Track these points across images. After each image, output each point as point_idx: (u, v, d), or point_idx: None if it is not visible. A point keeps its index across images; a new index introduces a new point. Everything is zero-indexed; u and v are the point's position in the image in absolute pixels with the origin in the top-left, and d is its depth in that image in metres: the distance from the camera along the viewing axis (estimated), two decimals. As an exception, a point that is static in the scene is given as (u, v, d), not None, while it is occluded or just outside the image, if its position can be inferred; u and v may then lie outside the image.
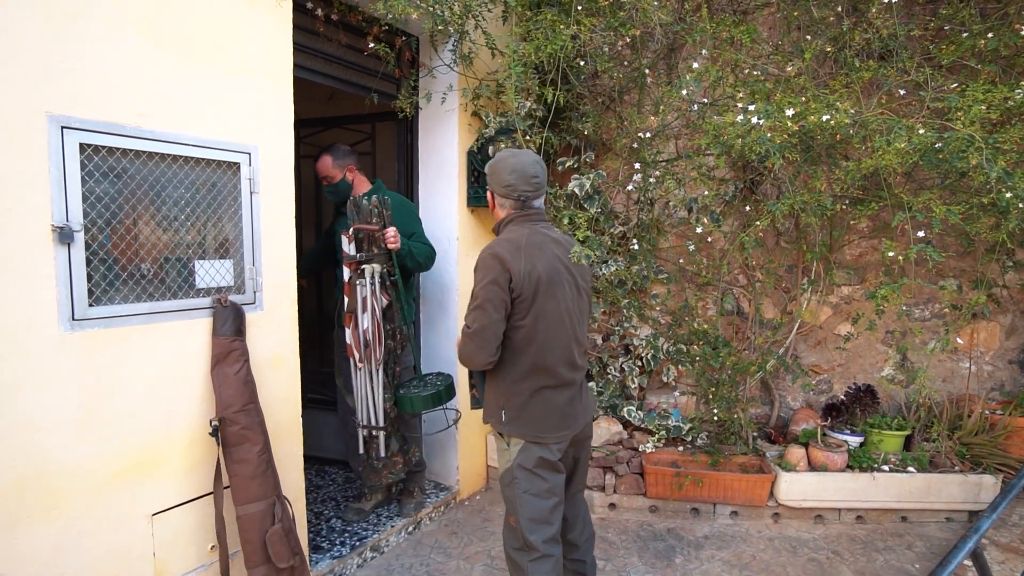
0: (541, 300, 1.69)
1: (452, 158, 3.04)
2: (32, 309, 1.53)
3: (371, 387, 2.47)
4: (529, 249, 1.69)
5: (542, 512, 1.75)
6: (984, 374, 3.51)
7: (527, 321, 1.69)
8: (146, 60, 1.74)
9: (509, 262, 1.65)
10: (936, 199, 2.19)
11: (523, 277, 1.66)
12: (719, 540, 2.85)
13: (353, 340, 2.42)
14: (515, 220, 1.79)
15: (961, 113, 2.03)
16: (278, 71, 2.11)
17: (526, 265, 1.67)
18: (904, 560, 2.65)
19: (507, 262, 1.65)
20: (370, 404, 2.49)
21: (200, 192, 1.92)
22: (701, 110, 2.75)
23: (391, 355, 2.54)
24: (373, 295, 2.39)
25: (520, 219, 1.79)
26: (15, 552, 1.53)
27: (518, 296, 1.67)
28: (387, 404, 2.50)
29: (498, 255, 1.66)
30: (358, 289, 2.39)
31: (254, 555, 1.90)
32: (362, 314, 2.39)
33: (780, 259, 3.45)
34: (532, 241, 1.72)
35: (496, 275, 1.65)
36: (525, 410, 1.75)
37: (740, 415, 3.22)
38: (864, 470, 2.92)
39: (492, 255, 1.67)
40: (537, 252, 1.71)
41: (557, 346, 1.74)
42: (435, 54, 2.93)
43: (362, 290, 2.38)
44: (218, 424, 1.88)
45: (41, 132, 1.54)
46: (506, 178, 1.76)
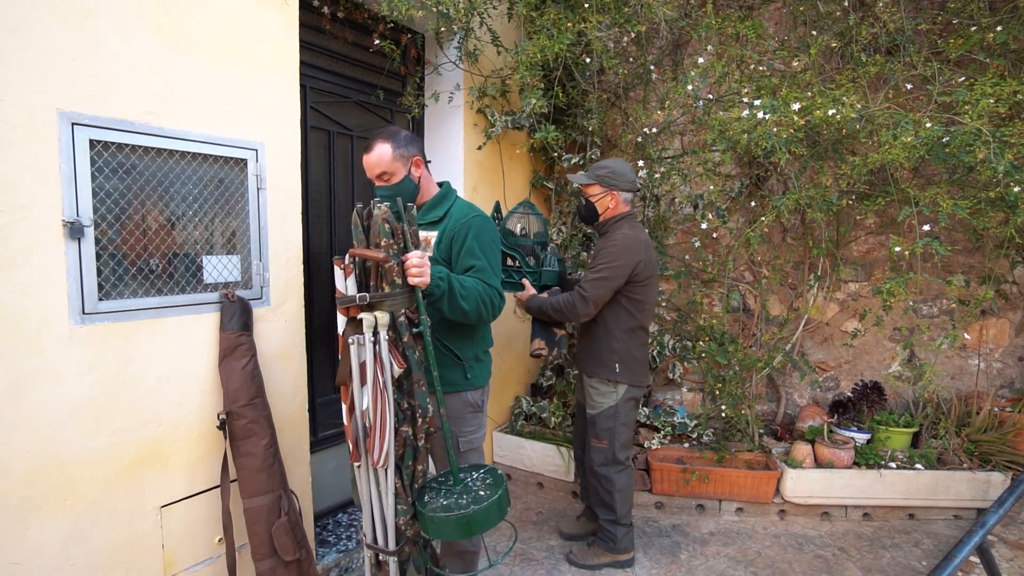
0: (651, 280, 2.38)
1: (458, 155, 3.05)
2: (43, 303, 1.56)
3: (377, 492, 1.68)
4: (648, 244, 2.37)
5: (628, 438, 2.48)
6: (993, 371, 3.48)
7: (641, 295, 2.35)
8: (156, 58, 1.76)
9: (640, 256, 2.29)
10: (943, 194, 2.17)
11: (645, 265, 2.31)
12: (724, 536, 2.85)
13: (347, 425, 1.64)
14: (627, 217, 2.39)
15: (968, 107, 2.02)
16: (285, 68, 2.13)
17: (647, 256, 2.32)
18: (911, 557, 2.64)
19: (639, 255, 2.28)
20: (376, 516, 1.71)
21: (208, 188, 1.94)
22: (707, 106, 2.75)
23: (408, 449, 1.68)
24: (377, 359, 1.58)
25: (630, 216, 2.41)
26: (28, 542, 1.55)
27: (640, 277, 2.31)
28: (401, 519, 1.67)
29: (632, 249, 2.27)
30: (354, 350, 1.58)
31: (260, 548, 1.92)
32: (359, 388, 1.60)
33: (786, 255, 3.44)
34: (647, 239, 2.39)
35: (627, 262, 2.26)
36: (633, 362, 2.40)
37: (746, 412, 3.21)
38: (871, 467, 2.91)
39: (627, 248, 2.27)
40: (649, 246, 2.38)
41: (652, 313, 2.47)
42: (440, 51, 2.94)
43: (360, 351, 1.59)
44: (225, 418, 1.90)
45: (52, 128, 1.56)
46: (631, 176, 2.36)
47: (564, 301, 2.30)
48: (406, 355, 1.62)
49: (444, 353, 1.87)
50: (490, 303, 1.79)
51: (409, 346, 1.62)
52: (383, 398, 1.57)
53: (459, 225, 1.83)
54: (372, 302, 1.58)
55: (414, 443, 1.68)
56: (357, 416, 1.62)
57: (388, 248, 1.58)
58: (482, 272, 1.80)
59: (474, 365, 1.95)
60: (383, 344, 1.58)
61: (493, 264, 1.85)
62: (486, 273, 1.81)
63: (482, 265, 1.81)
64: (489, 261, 1.84)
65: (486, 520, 1.57)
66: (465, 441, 1.96)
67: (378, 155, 1.85)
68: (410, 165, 1.88)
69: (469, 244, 1.81)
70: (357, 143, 2.85)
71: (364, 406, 1.59)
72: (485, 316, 1.80)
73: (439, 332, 1.85)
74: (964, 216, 2.10)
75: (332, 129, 2.71)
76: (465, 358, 1.91)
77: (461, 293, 1.71)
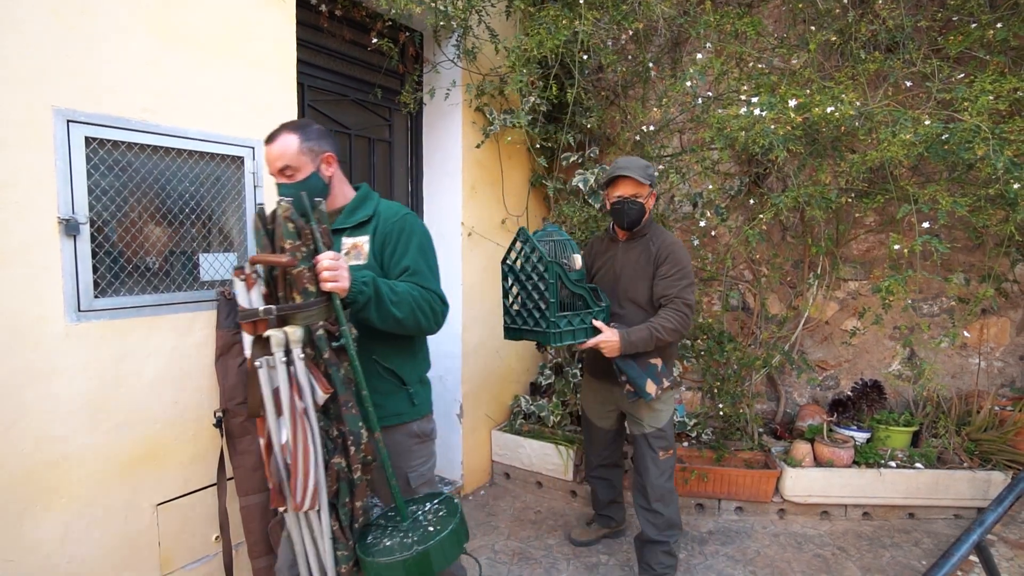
0: None
1: (456, 154, 3.05)
2: (39, 300, 1.56)
3: (311, 538, 1.41)
4: None
5: None
6: (994, 370, 3.47)
7: None
8: (152, 56, 1.76)
9: None
10: (943, 191, 2.16)
11: None
12: (724, 535, 2.84)
13: (265, 463, 1.37)
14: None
15: (968, 104, 2.01)
16: (281, 66, 2.13)
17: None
18: (911, 557, 2.63)
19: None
20: (313, 567, 1.43)
21: (204, 186, 1.94)
22: (705, 104, 2.74)
23: (343, 484, 1.39)
24: (294, 385, 1.31)
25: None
26: (25, 538, 1.56)
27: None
28: (343, 567, 1.38)
29: (683, 247, 2.21)
30: (264, 375, 1.32)
31: (257, 546, 1.92)
32: (275, 419, 1.34)
33: (786, 254, 3.43)
34: None
35: (689, 261, 2.18)
36: (673, 358, 2.35)
37: (745, 410, 3.20)
38: (871, 466, 2.90)
39: (682, 247, 2.20)
40: None
41: None
42: (439, 50, 2.93)
43: (271, 375, 1.32)
44: (222, 416, 1.90)
45: (47, 126, 1.56)
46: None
47: (676, 319, 2.07)
48: (329, 374, 1.34)
49: (386, 378, 1.60)
50: (429, 310, 1.54)
51: (332, 363, 1.34)
52: (304, 428, 1.30)
53: (391, 224, 1.59)
54: (281, 315, 1.32)
55: (349, 476, 1.38)
56: (276, 453, 1.35)
57: (294, 251, 1.31)
58: (418, 275, 1.56)
59: (419, 390, 1.70)
60: (298, 364, 1.31)
61: (432, 266, 1.63)
62: (423, 276, 1.56)
63: (418, 267, 1.56)
64: (428, 262, 1.60)
65: (441, 558, 1.34)
66: (416, 476, 1.68)
67: (281, 147, 1.55)
68: (320, 162, 1.59)
69: (403, 244, 1.57)
70: (355, 142, 2.84)
71: (283, 439, 1.32)
72: (425, 324, 1.54)
73: (378, 352, 1.59)
74: (963, 213, 2.09)
75: (330, 127, 2.71)
76: (410, 382, 1.66)
77: (391, 299, 1.45)
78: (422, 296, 1.53)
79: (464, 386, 3.17)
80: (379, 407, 1.52)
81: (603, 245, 2.37)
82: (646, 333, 2.04)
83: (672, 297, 2.09)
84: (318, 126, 1.63)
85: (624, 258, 2.24)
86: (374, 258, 1.58)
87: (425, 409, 1.73)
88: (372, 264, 1.57)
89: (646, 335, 2.04)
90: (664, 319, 2.07)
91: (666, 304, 2.10)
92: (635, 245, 2.22)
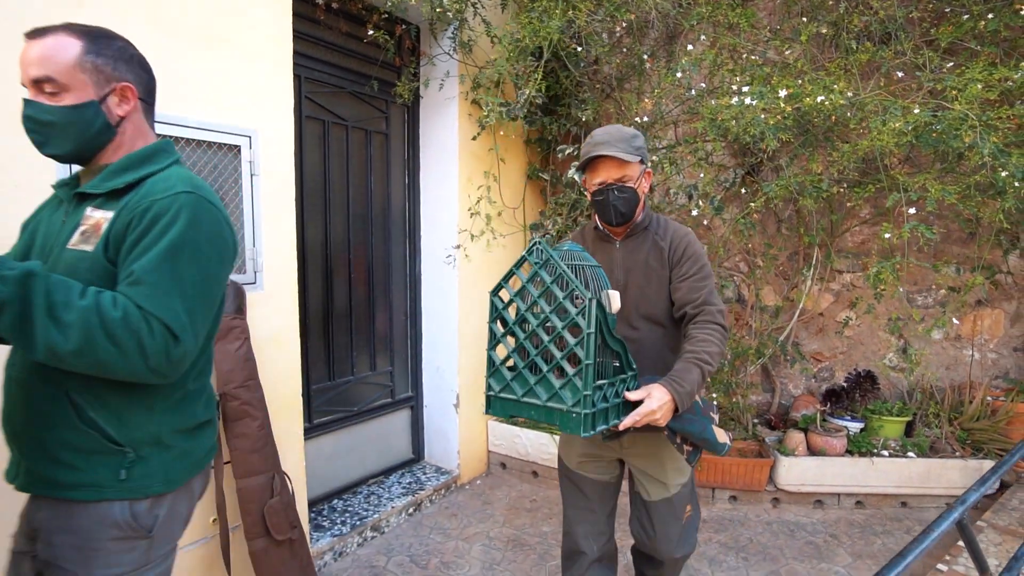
0: None
1: (452, 146, 3.08)
2: (39, 283, 1.59)
3: None
4: None
5: None
6: (988, 362, 3.48)
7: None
8: (151, 45, 1.78)
9: None
10: (932, 180, 2.19)
11: None
12: (717, 524, 2.86)
13: None
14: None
15: (956, 92, 2.03)
16: (278, 58, 2.16)
17: None
18: (902, 543, 2.65)
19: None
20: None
21: (202, 174, 1.97)
22: (699, 95, 2.76)
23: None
24: None
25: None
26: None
27: None
28: None
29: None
30: None
31: (254, 527, 1.96)
32: None
33: (781, 245, 3.45)
34: None
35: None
36: None
37: (739, 400, 3.22)
38: (863, 455, 2.92)
39: (696, 239, 1.65)
40: None
41: None
42: (435, 42, 2.96)
43: None
44: (219, 399, 1.93)
45: (47, 113, 1.59)
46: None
47: (718, 336, 1.48)
48: None
49: (83, 430, 1.02)
50: (131, 344, 0.94)
51: None
52: None
53: (148, 204, 1.03)
54: None
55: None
56: None
57: None
58: (143, 287, 0.97)
59: (151, 456, 1.08)
60: None
61: (181, 279, 1.00)
62: (151, 290, 0.97)
63: (148, 276, 0.98)
64: (174, 272, 0.99)
65: None
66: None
67: (48, 48, 1.03)
68: (109, 90, 1.07)
69: (150, 237, 1.00)
70: (352, 134, 2.88)
71: None
72: (119, 366, 0.95)
73: (76, 387, 1.02)
74: (953, 202, 2.11)
75: (327, 119, 2.74)
76: (128, 441, 1.05)
77: (52, 313, 0.89)
78: (119, 322, 0.92)
79: (461, 376, 3.20)
80: (59, 466, 1.02)
81: (594, 246, 1.70)
82: (697, 374, 1.40)
83: (701, 304, 1.51)
84: (124, 44, 1.12)
85: (628, 261, 1.63)
86: (105, 249, 1.03)
87: (151, 486, 1.07)
88: (97, 256, 1.02)
89: (697, 376, 1.40)
90: (704, 342, 1.45)
91: (695, 314, 1.52)
92: (639, 242, 1.63)
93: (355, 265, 2.95)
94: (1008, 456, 1.87)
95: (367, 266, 3.03)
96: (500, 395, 1.39)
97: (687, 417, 1.49)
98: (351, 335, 2.95)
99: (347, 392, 2.95)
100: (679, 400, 1.36)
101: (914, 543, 1.45)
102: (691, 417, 1.51)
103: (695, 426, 1.52)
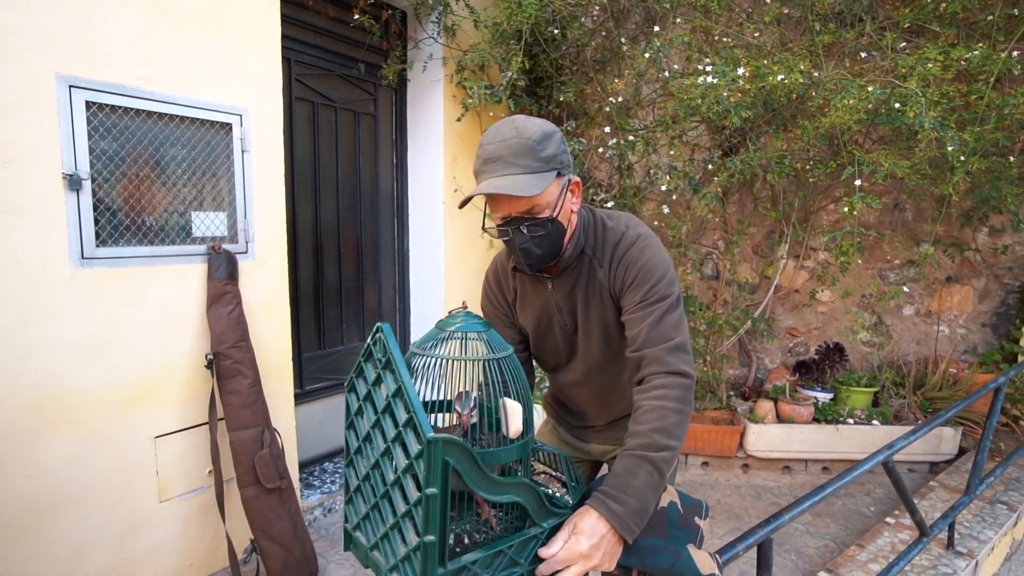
0: None
1: (438, 127, 3.21)
2: (47, 246, 1.74)
3: None
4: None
5: None
6: (958, 337, 3.60)
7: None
8: (147, 26, 1.93)
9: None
10: (888, 155, 2.30)
11: None
12: (688, 487, 3.01)
13: None
14: (588, 215, 1.21)
15: (906, 71, 2.14)
16: (267, 39, 2.29)
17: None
18: (861, 505, 2.80)
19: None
20: None
21: (196, 149, 2.12)
22: (672, 76, 2.88)
23: None
24: None
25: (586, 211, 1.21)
26: (37, 458, 1.76)
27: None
28: None
29: (661, 248, 1.14)
30: None
31: (245, 476, 2.12)
32: None
33: (756, 223, 3.57)
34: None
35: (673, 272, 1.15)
36: None
37: (715, 372, 3.36)
38: (829, 423, 3.06)
39: (660, 249, 1.13)
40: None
41: None
42: (420, 27, 3.08)
43: None
44: (212, 358, 2.09)
45: (51, 90, 1.73)
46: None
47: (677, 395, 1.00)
48: None
49: None
50: None
51: None
52: None
53: None
54: None
55: None
56: None
57: None
58: None
59: None
60: None
61: None
62: None
63: None
64: None
65: None
66: None
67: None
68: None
69: None
70: (341, 115, 3.01)
71: None
72: None
73: None
74: (904, 175, 2.23)
75: (316, 100, 2.87)
76: None
77: None
78: None
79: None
80: None
81: (527, 283, 1.25)
82: (645, 475, 0.93)
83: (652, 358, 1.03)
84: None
85: (570, 301, 1.19)
86: None
87: None
88: None
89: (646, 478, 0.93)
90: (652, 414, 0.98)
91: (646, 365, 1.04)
92: (575, 277, 1.18)
93: (345, 241, 3.10)
94: (940, 414, 2.02)
95: (356, 242, 3.17)
96: (355, 532, 0.94)
97: (647, 545, 0.96)
98: (341, 307, 3.11)
99: (338, 361, 3.11)
100: (621, 526, 0.89)
101: (837, 478, 1.60)
102: (655, 543, 0.97)
103: (663, 558, 0.96)
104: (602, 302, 1.15)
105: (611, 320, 1.16)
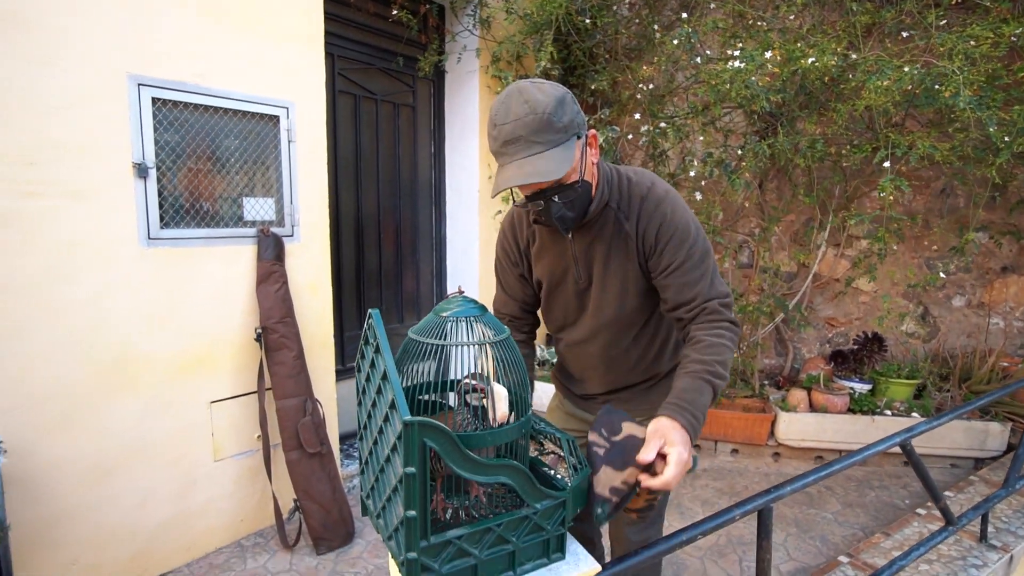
0: None
1: (474, 117, 3.31)
2: (119, 227, 1.96)
3: None
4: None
5: None
6: (1014, 330, 3.43)
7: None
8: (203, 28, 2.11)
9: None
10: (925, 137, 2.24)
11: None
12: (717, 473, 3.03)
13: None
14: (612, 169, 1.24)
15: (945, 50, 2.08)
16: (311, 36, 2.45)
17: None
18: (895, 497, 2.74)
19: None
20: None
21: (247, 140, 2.30)
22: (704, 62, 2.87)
23: None
24: None
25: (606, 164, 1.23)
26: (112, 415, 1.98)
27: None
28: None
29: (683, 205, 1.19)
30: None
31: (289, 441, 2.31)
32: None
33: (796, 211, 3.50)
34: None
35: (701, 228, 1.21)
36: None
37: (748, 360, 3.34)
38: (864, 413, 2.99)
39: (685, 209, 1.19)
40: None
41: None
42: (456, 20, 3.19)
43: None
44: (261, 332, 2.28)
45: (122, 88, 1.94)
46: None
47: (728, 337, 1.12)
48: None
49: None
50: None
51: None
52: None
53: None
54: None
55: None
56: None
57: None
58: None
59: None
60: None
61: None
62: None
63: None
64: None
65: None
66: None
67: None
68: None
69: None
70: (381, 107, 3.16)
71: None
72: None
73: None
74: (941, 159, 2.17)
75: (358, 93, 3.03)
76: None
77: None
78: None
79: (481, 332, 3.47)
80: None
81: (545, 234, 1.27)
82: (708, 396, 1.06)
83: (700, 304, 1.14)
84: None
85: (588, 254, 1.23)
86: None
87: None
88: None
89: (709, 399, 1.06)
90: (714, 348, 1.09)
91: (695, 315, 1.15)
92: (597, 230, 1.21)
93: (384, 227, 3.26)
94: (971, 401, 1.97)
95: (396, 228, 3.33)
96: (367, 500, 1.02)
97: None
98: (381, 290, 3.28)
99: (377, 342, 3.28)
100: (692, 428, 0.99)
101: (852, 455, 1.61)
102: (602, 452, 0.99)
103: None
104: (627, 254, 1.19)
105: (631, 273, 1.20)
